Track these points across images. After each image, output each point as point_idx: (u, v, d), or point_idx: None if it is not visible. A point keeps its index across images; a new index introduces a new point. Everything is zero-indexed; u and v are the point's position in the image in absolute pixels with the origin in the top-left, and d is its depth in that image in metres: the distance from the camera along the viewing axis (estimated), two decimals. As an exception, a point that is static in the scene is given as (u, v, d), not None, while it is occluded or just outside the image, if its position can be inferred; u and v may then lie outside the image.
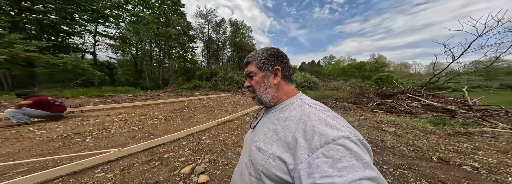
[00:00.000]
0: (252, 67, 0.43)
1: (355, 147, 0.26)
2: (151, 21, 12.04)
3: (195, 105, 5.29)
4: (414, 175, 1.41)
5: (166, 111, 4.19)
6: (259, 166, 0.33)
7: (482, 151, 1.86)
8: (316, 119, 0.31)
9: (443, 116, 3.69)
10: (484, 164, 1.57)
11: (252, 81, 0.44)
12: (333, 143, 0.26)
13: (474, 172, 1.47)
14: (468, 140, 2.24)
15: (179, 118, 3.61)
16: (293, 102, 0.40)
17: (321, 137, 0.27)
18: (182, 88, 11.07)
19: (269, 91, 0.42)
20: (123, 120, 3.23)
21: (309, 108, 0.36)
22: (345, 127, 0.29)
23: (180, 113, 4.04)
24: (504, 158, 1.70)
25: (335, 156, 0.24)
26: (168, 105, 5.15)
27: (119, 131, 2.58)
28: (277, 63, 0.42)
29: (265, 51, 0.43)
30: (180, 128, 2.88)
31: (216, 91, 10.44)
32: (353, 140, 0.27)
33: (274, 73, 0.42)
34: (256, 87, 0.43)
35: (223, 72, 12.53)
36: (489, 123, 3.15)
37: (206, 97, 7.16)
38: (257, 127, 0.46)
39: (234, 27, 19.59)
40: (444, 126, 2.98)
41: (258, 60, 0.43)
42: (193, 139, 2.37)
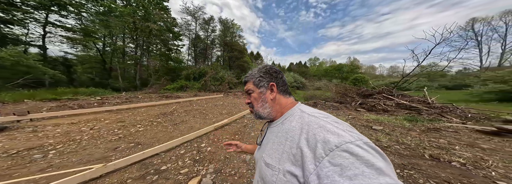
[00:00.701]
0: (250, 85, 0.47)
1: (362, 151, 0.25)
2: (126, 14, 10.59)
3: (185, 108, 4.90)
4: (421, 176, 1.45)
5: (150, 116, 3.74)
6: (270, 183, 0.33)
7: (457, 146, 2.18)
8: (316, 127, 0.32)
9: (413, 113, 4.35)
10: (466, 159, 1.75)
11: (251, 97, 0.47)
12: (337, 150, 0.26)
13: (463, 168, 1.61)
14: (440, 135, 2.67)
15: (168, 123, 3.27)
16: (293, 113, 0.42)
17: (324, 144, 0.27)
18: (166, 89, 10.12)
19: (266, 106, 0.45)
20: (95, 128, 2.73)
21: (309, 117, 0.36)
22: (346, 132, 0.29)
23: (169, 118, 3.67)
24: (475, 151, 2.01)
25: (343, 164, 0.24)
26: (152, 108, 4.62)
27: (93, 143, 2.17)
28: (272, 79, 0.46)
29: (260, 69, 0.48)
30: (173, 135, 2.60)
31: (206, 92, 9.94)
32: (357, 144, 0.26)
33: (270, 88, 0.45)
34: (254, 103, 0.46)
35: (213, 72, 12.04)
36: (446, 119, 3.86)
37: (196, 99, 6.72)
38: (263, 143, 0.47)
39: (224, 25, 19.18)
40: (416, 122, 3.51)
41: (254, 78, 0.46)
42: (191, 147, 2.17)
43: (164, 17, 13.45)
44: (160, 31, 12.50)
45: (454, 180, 1.40)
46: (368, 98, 6.13)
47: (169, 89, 10.12)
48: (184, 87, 10.61)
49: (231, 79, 12.56)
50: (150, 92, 8.82)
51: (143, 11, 11.82)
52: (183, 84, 10.74)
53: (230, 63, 19.05)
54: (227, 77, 12.17)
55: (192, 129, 2.93)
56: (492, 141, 2.40)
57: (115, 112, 4.04)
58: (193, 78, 12.25)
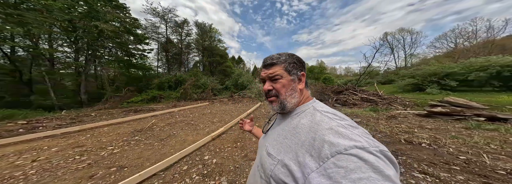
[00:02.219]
0: (279, 69, 0.42)
1: (373, 158, 0.24)
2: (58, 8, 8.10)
3: (167, 120, 4.31)
4: (413, 161, 1.63)
5: (122, 135, 3.11)
6: (268, 171, 0.35)
7: (415, 129, 2.81)
8: (327, 127, 0.31)
9: (373, 105, 5.52)
10: (428, 139, 2.17)
11: (276, 84, 0.41)
12: (344, 153, 0.25)
13: (431, 148, 1.93)
14: (398, 121, 3.48)
15: (152, 140, 2.82)
16: (305, 109, 0.41)
17: (331, 146, 0.27)
18: (131, 102, 8.49)
19: (295, 95, 0.42)
20: (40, 159, 2.04)
21: (321, 116, 0.35)
22: (362, 137, 0.28)
23: (150, 134, 3.15)
24: (427, 132, 2.62)
25: (348, 167, 0.23)
26: (120, 126, 3.82)
27: (50, 175, 1.67)
28: (303, 68, 0.44)
29: (292, 56, 0.44)
30: (164, 152, 2.28)
31: (187, 101, 8.98)
32: (370, 151, 0.25)
33: (299, 78, 0.43)
34: (281, 91, 0.41)
35: (193, 79, 11.11)
36: (394, 107, 5.13)
37: (177, 110, 5.99)
38: (269, 132, 0.48)
39: (201, 29, 18.64)
40: (379, 112, 4.47)
41: (286, 63, 0.42)
42: (193, 161, 1.98)
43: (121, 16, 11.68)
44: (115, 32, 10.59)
45: (434, 160, 1.70)
46: (340, 95, 7.24)
47: (135, 101, 8.56)
48: (157, 98, 9.23)
49: (215, 85, 11.97)
50: (107, 108, 7.18)
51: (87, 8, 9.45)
52: (156, 95, 9.36)
53: (211, 69, 18.32)
54: (210, 83, 11.54)
55: (186, 143, 2.65)
56: (430, 122, 3.28)
57: (61, 136, 3.10)
58: (168, 87, 10.92)
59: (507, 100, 4.70)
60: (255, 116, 4.60)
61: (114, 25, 10.75)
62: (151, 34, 16.05)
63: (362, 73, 11.72)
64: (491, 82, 7.37)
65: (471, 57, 9.65)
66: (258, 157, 0.45)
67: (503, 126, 2.66)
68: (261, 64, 0.48)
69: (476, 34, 22.14)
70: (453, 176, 1.43)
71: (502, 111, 3.55)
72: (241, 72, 15.15)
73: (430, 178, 1.43)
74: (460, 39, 23.17)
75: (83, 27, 9.35)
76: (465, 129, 2.73)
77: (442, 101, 4.12)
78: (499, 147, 1.94)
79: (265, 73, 0.43)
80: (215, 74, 16.41)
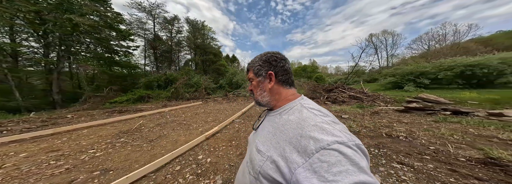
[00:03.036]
0: (250, 73, 0.48)
1: (351, 152, 0.27)
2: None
3: (156, 121, 4.10)
4: (392, 152, 1.76)
5: (105, 137, 2.89)
6: (257, 167, 0.36)
7: (394, 123, 3.12)
8: (312, 124, 0.33)
9: (359, 102, 5.92)
10: (404, 132, 2.39)
11: (251, 86, 0.49)
12: (327, 148, 0.27)
13: (407, 140, 2.13)
14: (381, 116, 3.80)
15: (140, 141, 2.67)
16: (293, 106, 0.42)
17: (316, 142, 0.29)
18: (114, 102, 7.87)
19: (264, 95, 0.46)
20: (6, 166, 1.81)
21: (307, 112, 0.37)
22: (342, 132, 0.30)
23: (138, 135, 2.98)
24: (404, 126, 2.90)
25: (330, 161, 0.25)
26: (102, 128, 3.54)
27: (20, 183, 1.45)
28: (270, 68, 0.45)
29: (261, 57, 0.48)
30: (155, 153, 2.18)
31: (178, 101, 8.58)
32: (348, 145, 0.28)
33: (269, 78, 0.45)
34: (254, 91, 0.48)
35: (185, 78, 10.57)
36: (377, 104, 5.56)
37: (168, 110, 5.71)
38: (259, 129, 0.49)
39: (193, 27, 17.75)
40: (364, 108, 4.81)
41: (254, 66, 0.47)
42: (186, 161, 1.93)
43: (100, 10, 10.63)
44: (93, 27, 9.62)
45: (410, 151, 1.88)
46: (330, 93, 7.62)
47: (120, 102, 7.95)
48: (145, 98, 8.67)
49: (208, 84, 11.53)
50: (86, 109, 6.56)
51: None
52: (143, 94, 8.78)
53: (204, 67, 17.66)
54: (204, 82, 11.08)
55: (178, 143, 2.56)
56: (406, 117, 3.63)
57: (30, 141, 2.77)
58: (157, 86, 10.32)
59: (469, 96, 5.39)
60: (250, 115, 4.60)
61: (92, 19, 9.75)
62: (137, 30, 14.93)
63: (350, 72, 12.46)
64: (456, 80, 8.35)
65: (441, 58, 10.75)
66: (248, 153, 0.46)
67: (465, 119, 3.05)
68: None
69: (445, 37, 25.00)
70: (424, 165, 1.60)
71: (464, 106, 4.06)
72: (236, 71, 14.83)
73: (406, 167, 1.57)
74: (432, 42, 25.97)
75: (54, 20, 8.31)
76: (434, 122, 3.07)
77: (417, 97, 4.56)
78: (461, 137, 2.22)
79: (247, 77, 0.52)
80: (209, 73, 15.80)
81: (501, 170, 1.42)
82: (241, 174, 0.45)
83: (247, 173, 0.41)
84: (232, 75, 13.45)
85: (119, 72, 11.80)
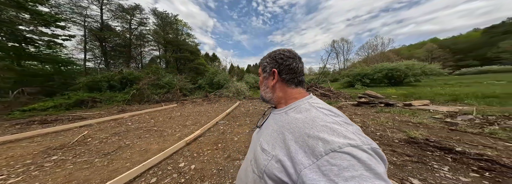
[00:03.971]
0: (260, 69, 0.50)
1: (366, 156, 0.24)
2: None
3: (111, 130, 3.21)
4: None
5: (21, 158, 2.03)
6: (262, 166, 0.34)
7: (353, 116, 3.86)
8: (321, 124, 0.31)
9: (328, 99, 6.97)
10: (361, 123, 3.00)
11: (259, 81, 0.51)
12: (338, 151, 0.25)
13: (362, 129, 2.72)
14: (342, 111, 4.63)
15: (88, 156, 2.04)
16: (300, 104, 0.40)
17: (325, 143, 0.27)
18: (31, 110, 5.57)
19: (267, 91, 0.47)
20: None
21: (316, 112, 0.35)
22: (356, 135, 0.28)
23: (82, 150, 2.25)
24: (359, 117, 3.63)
25: (342, 165, 0.23)
26: (14, 146, 2.44)
27: None
28: (274, 65, 0.44)
29: (270, 54, 0.48)
30: (115, 168, 1.74)
31: (142, 105, 6.97)
32: (363, 149, 0.25)
33: (272, 75, 0.45)
34: (260, 87, 0.50)
35: (153, 78, 8.74)
36: (340, 100, 6.74)
37: (128, 116, 4.56)
38: (263, 127, 0.48)
39: (163, 20, 15.13)
40: (332, 104, 5.69)
41: (262, 64, 0.49)
42: (164, 172, 1.65)
43: None
44: None
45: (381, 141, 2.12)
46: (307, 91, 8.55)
47: (41, 109, 5.70)
48: (87, 102, 6.60)
49: (185, 84, 10.05)
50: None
51: None
52: (84, 98, 6.66)
53: (178, 66, 15.51)
54: (178, 83, 9.54)
55: (149, 152, 2.12)
56: (359, 109, 4.55)
57: None
58: (108, 87, 8.11)
59: (392, 92, 7.44)
60: (235, 115, 4.42)
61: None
62: (71, 15, 11.29)
63: (320, 73, 14.45)
64: (384, 80, 11.53)
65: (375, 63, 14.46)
66: (252, 151, 0.45)
67: (392, 109, 4.13)
68: None
69: (377, 47, 34.08)
70: None
71: (390, 99, 5.55)
72: (217, 70, 13.86)
73: None
74: (370, 50, 34.62)
75: None
76: (376, 113, 3.99)
77: (364, 93, 5.82)
78: (393, 123, 2.94)
79: None
80: (185, 72, 13.89)
81: (418, 146, 1.93)
82: (244, 172, 0.44)
83: (250, 171, 0.39)
84: (213, 74, 12.47)
85: (38, 68, 8.52)
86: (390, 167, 1.55)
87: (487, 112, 3.16)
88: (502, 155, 1.59)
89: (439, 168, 1.48)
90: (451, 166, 1.49)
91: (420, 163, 1.59)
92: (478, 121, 2.66)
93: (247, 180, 0.40)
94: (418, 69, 10.69)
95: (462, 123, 2.65)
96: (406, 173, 1.43)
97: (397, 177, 1.38)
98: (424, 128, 2.53)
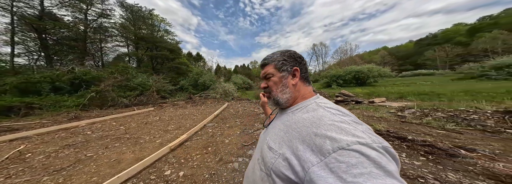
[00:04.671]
0: (270, 68, 0.45)
1: (376, 154, 0.24)
2: None
3: (60, 142, 2.55)
4: None
5: None
6: (269, 164, 0.35)
7: None
8: (329, 123, 0.31)
9: None
10: None
11: (269, 82, 0.45)
12: (347, 149, 0.25)
13: None
14: None
15: (31, 175, 1.58)
16: (307, 104, 0.41)
17: (333, 142, 0.27)
18: None
19: (286, 91, 0.44)
20: None
21: (324, 111, 0.36)
22: (365, 133, 0.28)
23: (18, 169, 1.73)
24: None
25: (350, 162, 0.23)
26: None
27: None
28: (295, 64, 0.45)
29: (284, 53, 0.46)
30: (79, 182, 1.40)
31: (105, 110, 5.71)
32: (373, 147, 0.25)
33: (293, 74, 0.44)
34: (273, 88, 0.45)
35: (120, 78, 7.33)
36: None
37: (85, 123, 3.67)
38: (270, 126, 0.49)
39: (134, 14, 13.03)
40: None
41: (276, 61, 0.45)
42: (146, 182, 1.47)
43: None
44: None
45: None
46: None
47: None
48: (18, 109, 4.98)
49: (163, 85, 8.95)
50: None
51: None
52: (14, 103, 5.02)
53: (154, 65, 13.75)
54: (155, 83, 8.42)
55: (123, 163, 1.81)
56: None
57: None
58: (51, 90, 6.37)
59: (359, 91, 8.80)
60: (224, 117, 4.25)
61: None
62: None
63: None
64: (352, 81, 13.47)
65: (346, 66, 16.75)
66: (259, 150, 0.46)
67: (361, 106, 4.89)
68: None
69: (347, 51, 39.80)
70: None
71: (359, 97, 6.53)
72: (202, 70, 12.99)
73: None
74: (341, 54, 40.10)
75: None
76: (349, 109, 4.66)
77: (340, 93, 6.65)
78: (362, 118, 3.44)
79: (261, 74, 0.49)
80: (163, 72, 12.35)
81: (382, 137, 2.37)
82: (251, 171, 0.44)
83: (258, 169, 0.40)
84: (197, 75, 11.66)
85: None
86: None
87: (423, 106, 4.11)
88: (437, 141, 2.06)
89: (399, 155, 1.83)
90: (407, 153, 1.84)
91: (385, 149, 1.95)
92: (418, 114, 3.43)
93: (255, 177, 0.40)
94: (375, 71, 12.99)
95: (409, 115, 3.37)
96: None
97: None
98: (384, 121, 3.08)
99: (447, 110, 3.44)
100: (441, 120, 2.87)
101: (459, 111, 3.22)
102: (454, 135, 2.23)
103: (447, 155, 1.72)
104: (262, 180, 0.36)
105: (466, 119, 2.74)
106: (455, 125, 2.57)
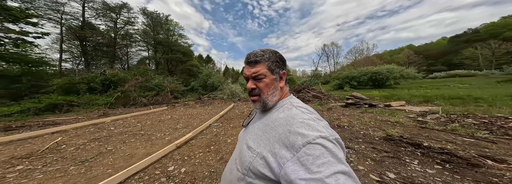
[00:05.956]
0: (263, 68, 0.41)
1: (331, 145, 0.30)
2: None
3: (89, 136, 2.98)
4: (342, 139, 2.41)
5: None
6: (247, 163, 0.36)
7: (341, 116, 4.09)
8: (300, 121, 0.35)
9: (319, 100, 7.28)
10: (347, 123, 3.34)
11: (260, 83, 0.42)
12: (313, 142, 0.30)
13: (348, 128, 2.75)
14: (332, 111, 4.86)
15: (62, 164, 1.89)
16: (283, 104, 0.44)
17: (303, 137, 0.31)
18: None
19: (276, 94, 0.44)
20: None
21: (296, 110, 0.39)
22: (325, 128, 0.34)
23: (54, 158, 2.08)
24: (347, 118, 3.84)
25: (315, 154, 0.28)
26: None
27: None
28: (284, 67, 0.45)
29: (275, 54, 0.44)
30: (95, 174, 1.66)
31: (128, 108, 6.48)
32: (329, 139, 0.31)
33: (281, 77, 0.44)
34: (264, 90, 0.42)
35: (141, 79, 8.22)
36: (330, 101, 7.08)
37: (110, 120, 4.24)
38: (249, 126, 0.50)
39: (153, 20, 14.68)
40: (322, 106, 5.94)
41: (270, 61, 0.42)
42: (150, 176, 1.61)
43: None
44: None
45: (351, 137, 2.42)
46: (299, 93, 8.72)
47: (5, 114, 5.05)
48: (62, 106, 5.98)
49: (176, 86, 9.66)
50: None
51: None
52: (59, 101, 6.03)
53: (170, 67, 14.93)
54: (169, 84, 9.16)
55: (134, 157, 2.03)
56: (347, 110, 4.85)
57: None
58: (88, 90, 7.46)
59: (375, 94, 8.08)
60: (229, 117, 4.39)
61: None
62: (46, 11, 10.36)
63: (312, 75, 14.97)
64: (369, 83, 12.40)
65: (362, 67, 15.49)
66: (237, 150, 0.47)
67: (374, 109, 4.50)
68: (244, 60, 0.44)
69: (363, 51, 36.29)
70: (359, 146, 2.16)
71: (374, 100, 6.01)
72: (211, 72, 13.58)
73: (351, 150, 2.06)
74: (356, 54, 36.89)
75: None
76: (361, 113, 4.30)
77: (351, 95, 6.23)
78: (374, 123, 3.21)
79: (249, 72, 0.42)
80: (176, 73, 13.41)
81: (394, 143, 2.14)
82: (229, 171, 0.45)
83: (234, 169, 0.41)
84: (206, 76, 12.19)
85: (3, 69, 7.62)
86: (371, 163, 1.69)
87: (451, 111, 3.60)
88: (458, 149, 1.84)
89: (410, 162, 1.65)
90: (420, 160, 1.68)
91: (395, 158, 1.76)
92: (443, 119, 3.03)
93: (231, 178, 0.41)
94: (397, 73, 11.74)
95: (431, 121, 3.00)
96: (384, 168, 1.57)
97: (377, 172, 1.51)
98: (400, 127, 2.81)
99: (480, 116, 2.97)
100: (471, 127, 2.50)
101: (496, 118, 2.76)
102: (484, 144, 1.94)
103: (468, 165, 1.52)
104: (238, 180, 0.38)
105: (503, 127, 2.34)
106: (489, 133, 2.22)
